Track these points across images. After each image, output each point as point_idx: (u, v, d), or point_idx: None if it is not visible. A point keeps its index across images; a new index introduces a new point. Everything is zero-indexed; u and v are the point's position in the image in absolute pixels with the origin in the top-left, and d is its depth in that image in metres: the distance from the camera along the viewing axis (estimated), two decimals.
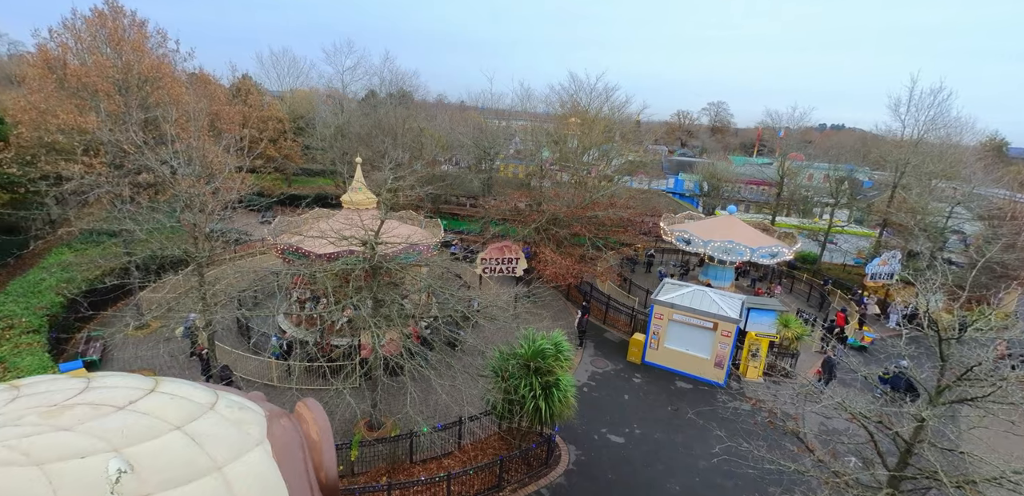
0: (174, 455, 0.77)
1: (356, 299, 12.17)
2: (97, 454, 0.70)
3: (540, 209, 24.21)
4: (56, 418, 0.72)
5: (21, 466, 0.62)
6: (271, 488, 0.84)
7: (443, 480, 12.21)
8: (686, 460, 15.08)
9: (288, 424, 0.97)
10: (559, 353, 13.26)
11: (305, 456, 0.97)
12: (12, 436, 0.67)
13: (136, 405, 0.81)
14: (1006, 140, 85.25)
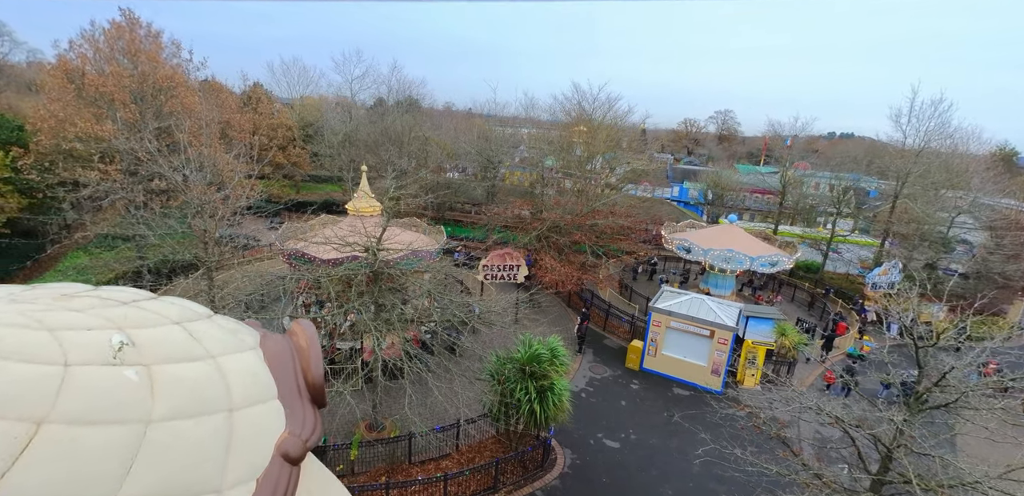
0: (172, 341, 0.91)
1: (358, 303, 12.61)
2: (103, 329, 0.83)
3: (541, 217, 24.63)
4: (67, 302, 0.87)
5: (35, 330, 0.77)
6: (261, 384, 1.00)
7: (440, 481, 12.56)
8: (680, 465, 15.33)
9: (280, 338, 1.15)
10: (555, 358, 13.61)
11: (295, 363, 1.13)
12: (27, 310, 0.80)
13: (140, 303, 0.95)
14: (1015, 150, 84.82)
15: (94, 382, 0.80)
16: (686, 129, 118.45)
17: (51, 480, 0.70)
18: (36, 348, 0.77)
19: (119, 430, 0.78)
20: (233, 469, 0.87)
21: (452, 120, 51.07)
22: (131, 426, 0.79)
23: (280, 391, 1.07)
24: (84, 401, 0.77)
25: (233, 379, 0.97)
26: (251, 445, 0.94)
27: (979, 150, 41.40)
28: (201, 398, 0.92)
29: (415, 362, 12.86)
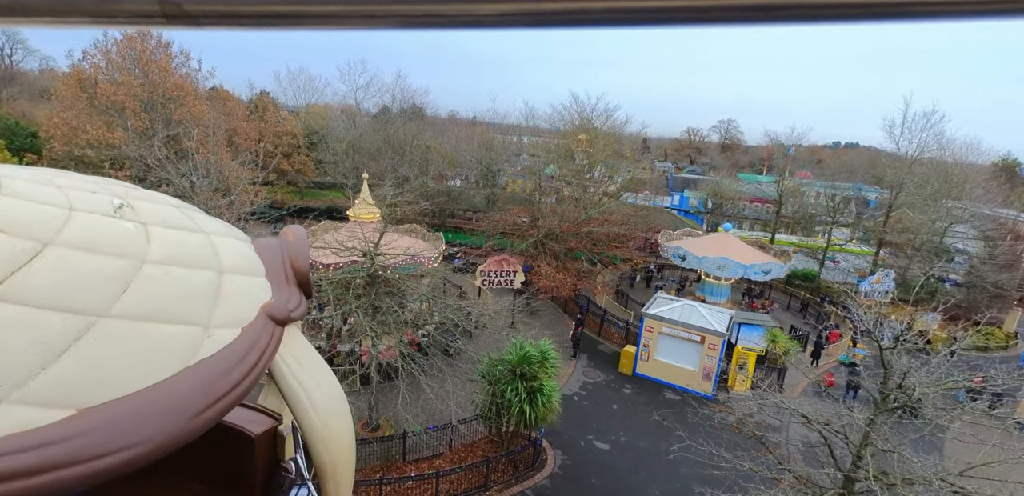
0: (169, 214, 1.04)
1: (355, 306, 13.13)
2: (106, 194, 0.98)
3: (537, 224, 25.16)
4: (71, 178, 1.06)
5: (45, 185, 0.95)
6: (250, 262, 1.15)
7: (432, 478, 12.98)
8: (668, 467, 15.67)
9: (269, 238, 1.36)
10: (545, 360, 14.06)
11: (283, 254, 1.31)
12: (39, 174, 1.01)
13: (138, 192, 1.12)
14: (1017, 160, 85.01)
15: (95, 223, 0.97)
16: (689, 138, 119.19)
17: (54, 284, 0.85)
18: (46, 196, 0.93)
19: (116, 261, 0.96)
20: (219, 315, 1.07)
21: (456, 128, 51.94)
22: (128, 260, 0.97)
23: (268, 272, 1.29)
24: (85, 234, 0.94)
25: (223, 251, 1.15)
26: (238, 301, 1.14)
27: (978, 160, 41.89)
28: (193, 255, 1.11)
29: (410, 363, 13.35)
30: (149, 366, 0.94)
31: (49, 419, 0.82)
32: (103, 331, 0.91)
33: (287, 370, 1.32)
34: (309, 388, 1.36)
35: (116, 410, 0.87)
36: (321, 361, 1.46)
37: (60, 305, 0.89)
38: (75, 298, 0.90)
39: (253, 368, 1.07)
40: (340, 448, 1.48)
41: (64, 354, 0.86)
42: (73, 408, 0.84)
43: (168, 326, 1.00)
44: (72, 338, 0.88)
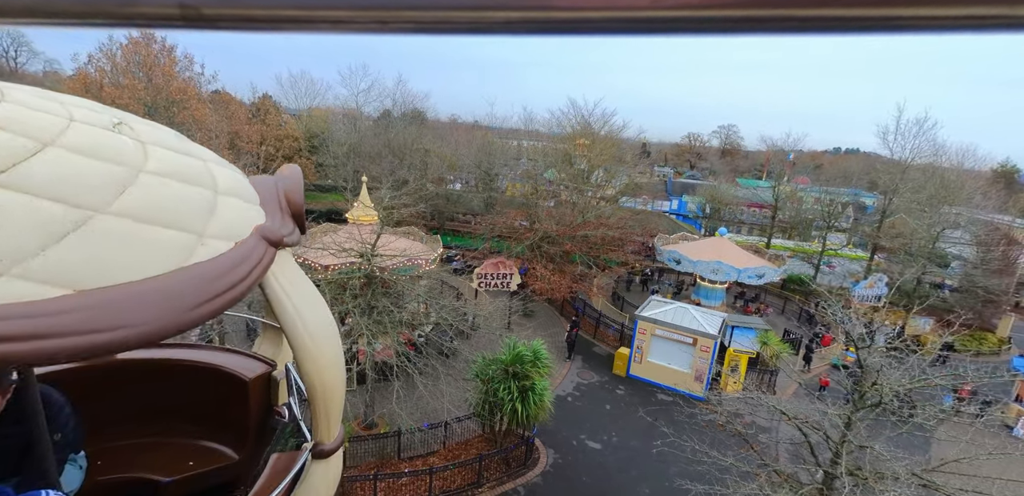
0: (167, 138, 1.13)
1: (352, 306, 13.45)
2: (106, 114, 1.09)
3: (534, 228, 25.51)
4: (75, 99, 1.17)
5: (49, 100, 1.08)
6: (246, 190, 1.24)
7: (426, 474, 13.26)
8: (659, 467, 15.94)
9: (265, 175, 1.49)
10: (537, 360, 14.36)
11: (278, 188, 1.40)
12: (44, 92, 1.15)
13: (141, 119, 1.24)
14: (1016, 167, 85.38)
15: (95, 134, 1.06)
16: (689, 143, 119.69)
17: (54, 178, 0.93)
18: (48, 107, 1.03)
19: (115, 167, 1.05)
20: (213, 227, 1.18)
21: (456, 133, 52.39)
22: (125, 168, 1.07)
23: (262, 201, 1.43)
24: (85, 141, 1.02)
25: (219, 175, 1.23)
26: (232, 219, 1.23)
27: (973, 166, 42.26)
28: (188, 173, 1.19)
29: (406, 363, 13.66)
30: (145, 261, 1.04)
31: (48, 295, 0.90)
32: (101, 225, 1.01)
33: (280, 289, 1.48)
34: (301, 308, 1.52)
35: (113, 294, 0.97)
36: (313, 287, 1.64)
37: (60, 197, 0.98)
38: (74, 192, 0.99)
39: (246, 277, 1.21)
40: (329, 366, 1.69)
41: (63, 240, 0.95)
42: (72, 288, 0.94)
43: (163, 229, 1.10)
44: (71, 227, 0.97)
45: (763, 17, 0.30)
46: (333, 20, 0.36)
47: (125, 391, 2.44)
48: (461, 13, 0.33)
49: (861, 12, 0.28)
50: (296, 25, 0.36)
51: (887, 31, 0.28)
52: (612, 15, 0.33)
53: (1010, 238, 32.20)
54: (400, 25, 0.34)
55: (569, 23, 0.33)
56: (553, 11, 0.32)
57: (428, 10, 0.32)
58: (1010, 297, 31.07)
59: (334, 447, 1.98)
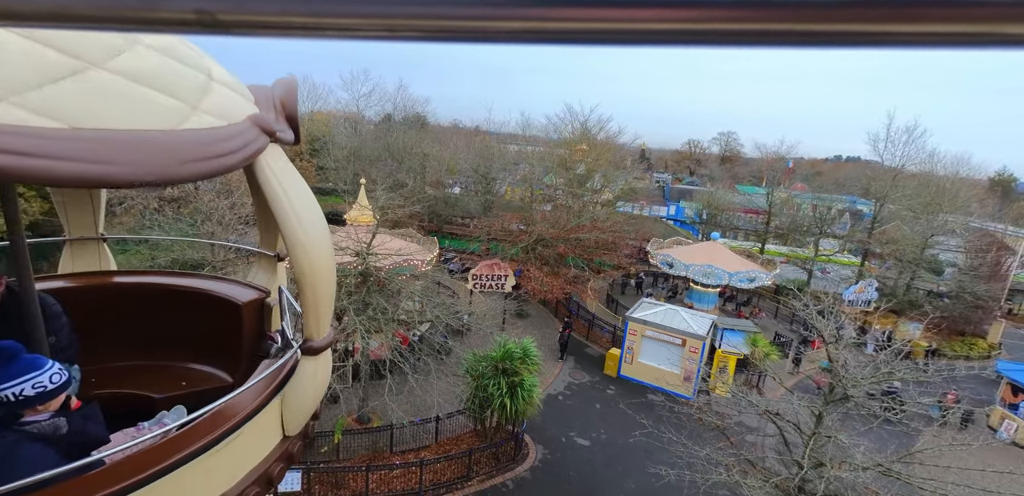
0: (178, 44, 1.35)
1: (348, 302, 13.91)
2: None
3: (529, 230, 25.99)
4: None
5: None
6: (240, 87, 1.45)
7: (416, 466, 13.66)
8: (645, 463, 16.27)
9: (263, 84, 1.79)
10: (526, 357, 14.79)
11: (274, 93, 1.58)
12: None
13: None
14: (1014, 175, 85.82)
15: None
16: (690, 150, 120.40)
17: None
18: None
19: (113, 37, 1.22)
20: (207, 104, 1.36)
21: (457, 137, 52.96)
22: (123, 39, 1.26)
23: (257, 101, 1.69)
24: None
25: (215, 68, 1.44)
26: (225, 102, 1.41)
27: (968, 174, 42.77)
28: (186, 55, 1.38)
29: (401, 360, 14.11)
30: (138, 115, 1.21)
31: (43, 124, 1.02)
32: (96, 76, 1.16)
33: (273, 177, 1.76)
34: (292, 195, 1.84)
35: (108, 134, 1.13)
36: (304, 184, 1.91)
37: (58, 45, 1.12)
38: (72, 44, 1.11)
39: (238, 150, 1.43)
40: (320, 258, 1.98)
41: (60, 82, 1.08)
42: (67, 124, 1.15)
43: (157, 93, 1.25)
44: (67, 73, 1.11)
45: (762, 31, 0.33)
46: (344, 27, 0.39)
47: (123, 314, 2.75)
48: (465, 22, 0.35)
49: (854, 27, 0.30)
50: (307, 32, 0.39)
51: (878, 46, 0.30)
52: (612, 27, 0.35)
53: (1000, 244, 32.63)
54: (407, 33, 0.37)
55: (569, 33, 0.36)
56: (553, 22, 0.35)
57: (434, 19, 0.35)
58: (1000, 303, 31.46)
59: (323, 344, 2.26)
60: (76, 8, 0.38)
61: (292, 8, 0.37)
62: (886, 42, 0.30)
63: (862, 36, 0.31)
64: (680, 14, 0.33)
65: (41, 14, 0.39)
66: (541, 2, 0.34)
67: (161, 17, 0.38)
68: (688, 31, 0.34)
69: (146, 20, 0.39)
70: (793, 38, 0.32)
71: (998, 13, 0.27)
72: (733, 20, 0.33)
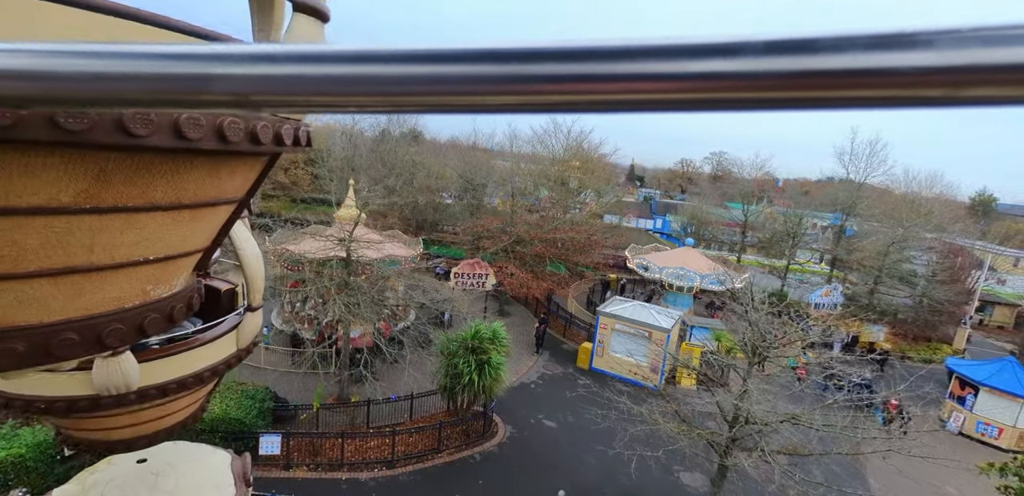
0: None
1: (329, 283, 15.17)
2: None
3: (508, 231, 27.39)
4: None
5: None
6: None
7: (389, 435, 14.74)
8: (607, 442, 17.36)
9: None
10: (495, 338, 16.01)
11: None
12: None
13: None
14: (993, 196, 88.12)
15: None
16: (682, 168, 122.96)
17: None
18: None
19: None
20: None
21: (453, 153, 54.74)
22: None
23: None
24: None
25: None
26: None
27: (941, 191, 44.81)
28: None
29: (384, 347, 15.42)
30: None
31: None
32: None
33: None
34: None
35: None
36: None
37: None
38: None
39: None
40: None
41: None
42: None
43: None
44: None
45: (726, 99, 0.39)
46: (357, 104, 0.45)
47: None
48: (463, 98, 0.42)
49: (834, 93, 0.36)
50: (326, 108, 0.46)
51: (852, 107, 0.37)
52: (595, 99, 0.40)
53: (962, 252, 34.20)
54: (411, 108, 0.44)
55: (556, 104, 0.42)
56: (541, 96, 0.41)
57: (434, 96, 0.42)
58: (964, 310, 32.82)
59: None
60: (134, 92, 0.45)
61: (311, 90, 0.44)
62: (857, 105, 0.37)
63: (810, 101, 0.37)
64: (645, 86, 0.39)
65: (100, 98, 0.46)
66: (527, 79, 0.40)
67: (204, 99, 0.45)
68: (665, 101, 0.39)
69: (192, 103, 0.46)
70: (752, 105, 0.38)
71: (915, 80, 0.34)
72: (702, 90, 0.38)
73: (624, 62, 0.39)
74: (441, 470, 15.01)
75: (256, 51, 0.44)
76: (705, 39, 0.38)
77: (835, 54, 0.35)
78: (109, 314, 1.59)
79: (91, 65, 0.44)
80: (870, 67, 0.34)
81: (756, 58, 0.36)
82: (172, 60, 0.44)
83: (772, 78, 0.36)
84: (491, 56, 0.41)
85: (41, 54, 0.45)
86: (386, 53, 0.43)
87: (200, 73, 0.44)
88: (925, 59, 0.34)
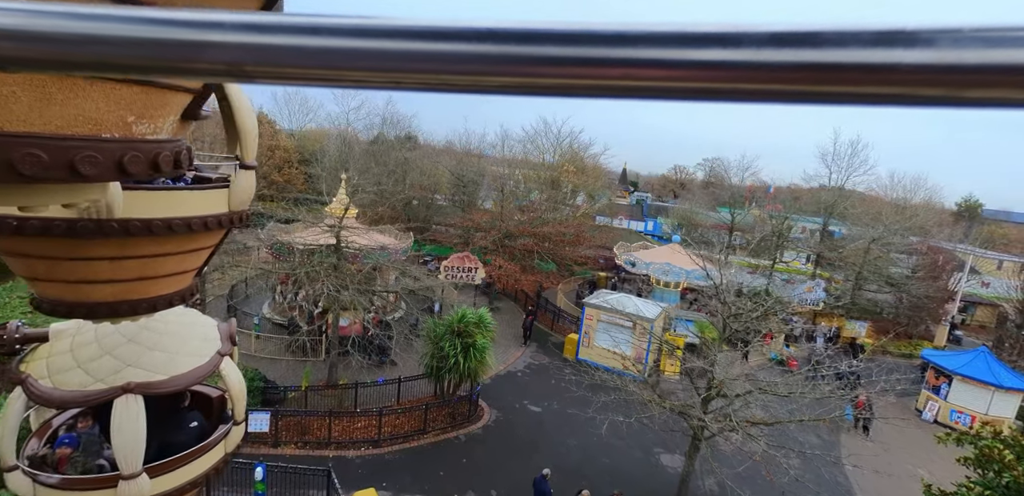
0: None
1: (319, 266, 15.62)
2: None
3: (498, 226, 27.95)
4: None
5: None
6: None
7: (375, 415, 15.12)
8: (589, 427, 17.77)
9: None
10: (481, 322, 16.46)
11: None
12: None
13: None
14: (979, 202, 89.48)
15: None
16: (676, 175, 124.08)
17: None
18: None
19: None
20: None
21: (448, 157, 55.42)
22: None
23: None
24: None
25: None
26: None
27: (926, 194, 45.90)
28: None
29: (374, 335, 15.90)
30: None
31: None
32: None
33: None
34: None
35: None
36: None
37: None
38: None
39: None
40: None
41: None
42: None
43: None
44: None
45: (734, 89, 0.38)
46: (355, 79, 0.44)
47: None
48: (462, 77, 0.41)
49: (842, 89, 0.36)
50: (323, 82, 0.45)
51: (861, 103, 0.37)
52: (594, 83, 0.40)
53: (939, 250, 35.01)
54: (411, 85, 0.43)
55: (555, 88, 0.42)
56: (541, 78, 0.40)
57: (435, 74, 0.41)
58: (941, 306, 33.53)
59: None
60: (126, 57, 0.44)
61: (308, 62, 0.43)
62: (833, 100, 0.37)
63: (848, 96, 0.37)
64: (645, 73, 0.39)
65: (93, 63, 0.45)
66: (528, 60, 0.40)
67: (197, 67, 0.44)
68: (664, 89, 0.39)
69: (185, 69, 0.45)
70: (760, 96, 0.38)
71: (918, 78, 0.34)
72: (710, 80, 0.38)
73: (625, 47, 0.39)
74: (426, 449, 15.40)
75: (252, 20, 0.44)
76: (708, 28, 0.38)
77: (838, 48, 0.35)
78: (84, 139, 1.47)
79: (83, 27, 0.44)
80: (872, 62, 0.35)
81: (759, 49, 0.37)
82: (166, 26, 0.44)
83: (774, 70, 0.37)
84: (492, 35, 0.41)
85: (30, 13, 0.44)
86: (386, 28, 0.42)
87: (194, 40, 0.43)
88: (926, 57, 0.34)
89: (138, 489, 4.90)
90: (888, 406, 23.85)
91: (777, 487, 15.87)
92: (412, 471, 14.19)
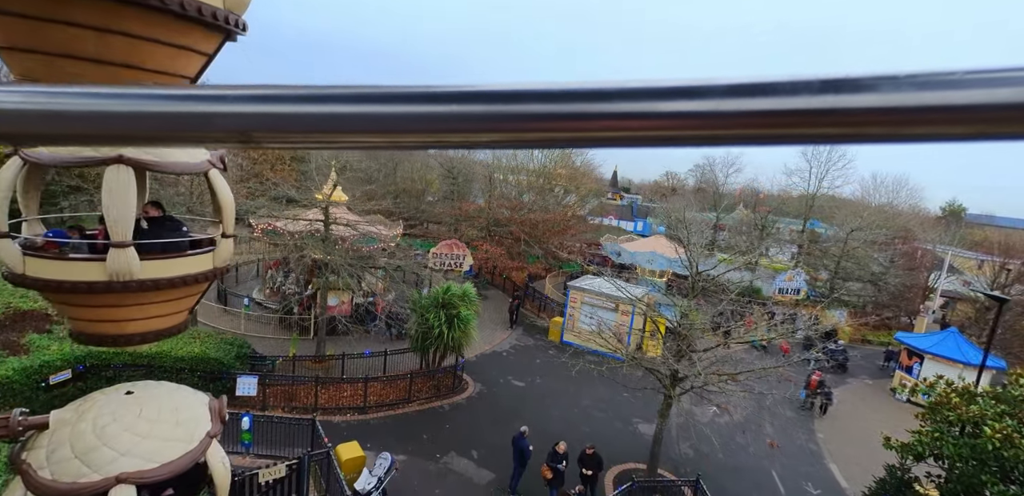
0: None
1: (308, 239, 16.16)
2: None
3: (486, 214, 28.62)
4: None
5: None
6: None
7: (360, 381, 15.58)
8: (571, 400, 18.35)
9: None
10: (465, 295, 17.02)
11: None
12: None
13: None
14: (963, 206, 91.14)
15: None
16: (667, 181, 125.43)
17: None
18: None
19: None
20: None
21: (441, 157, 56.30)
22: None
23: None
24: None
25: None
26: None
27: (908, 196, 47.11)
28: None
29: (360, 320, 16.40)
30: None
31: None
32: None
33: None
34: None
35: None
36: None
37: None
38: None
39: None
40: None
41: None
42: None
43: None
44: None
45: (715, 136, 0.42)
46: (355, 142, 0.47)
47: None
48: (455, 135, 0.44)
49: (831, 130, 0.39)
50: (325, 145, 0.48)
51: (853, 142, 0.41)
52: (574, 136, 0.43)
53: (916, 246, 35.97)
54: (408, 145, 0.47)
55: (541, 141, 0.45)
56: (526, 133, 0.44)
57: (428, 134, 0.44)
58: (920, 296, 34.40)
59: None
60: (143, 131, 0.47)
61: (314, 127, 0.46)
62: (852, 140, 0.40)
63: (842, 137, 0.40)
64: (620, 124, 0.42)
65: (112, 136, 0.49)
66: (514, 117, 0.42)
67: (209, 137, 0.48)
68: (642, 137, 0.43)
69: (198, 139, 0.49)
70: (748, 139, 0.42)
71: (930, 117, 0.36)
72: (693, 127, 0.41)
73: (602, 103, 0.42)
74: (411, 416, 15.85)
75: (257, 92, 0.46)
76: (674, 82, 0.41)
77: (789, 96, 0.38)
78: None
79: (100, 105, 0.47)
80: (822, 107, 0.38)
81: (719, 99, 0.40)
82: (177, 101, 0.47)
83: (735, 117, 0.40)
84: (480, 96, 0.43)
85: (51, 95, 0.47)
86: (383, 93, 0.45)
87: (203, 112, 0.46)
88: (869, 101, 0.37)
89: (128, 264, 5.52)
90: (864, 387, 24.58)
91: (751, 453, 16.50)
92: (396, 435, 14.64)
